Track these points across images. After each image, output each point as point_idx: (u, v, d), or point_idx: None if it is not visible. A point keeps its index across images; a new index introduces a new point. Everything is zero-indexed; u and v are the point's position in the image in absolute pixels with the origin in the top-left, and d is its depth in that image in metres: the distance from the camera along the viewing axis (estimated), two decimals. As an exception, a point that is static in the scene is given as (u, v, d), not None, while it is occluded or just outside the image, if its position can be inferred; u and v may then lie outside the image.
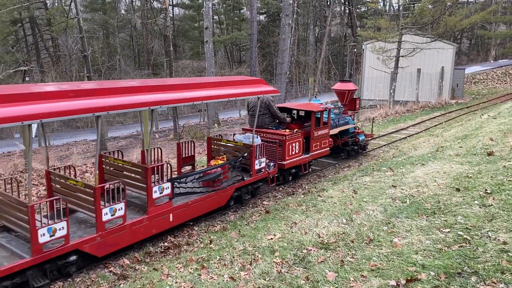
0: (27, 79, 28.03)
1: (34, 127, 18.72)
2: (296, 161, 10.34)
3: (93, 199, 6.10)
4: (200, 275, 5.78)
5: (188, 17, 47.26)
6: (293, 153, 10.15)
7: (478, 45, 60.77)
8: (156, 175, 6.99)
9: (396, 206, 7.71)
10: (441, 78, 27.70)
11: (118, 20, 42.06)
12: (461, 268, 5.10)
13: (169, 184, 7.17)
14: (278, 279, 5.51)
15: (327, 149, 11.52)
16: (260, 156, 9.15)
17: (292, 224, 7.53)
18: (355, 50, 38.79)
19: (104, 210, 6.14)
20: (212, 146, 9.72)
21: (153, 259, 6.79)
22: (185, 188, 7.72)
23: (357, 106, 13.72)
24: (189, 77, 37.10)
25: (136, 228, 6.72)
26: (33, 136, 19.04)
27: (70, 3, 24.86)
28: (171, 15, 41.84)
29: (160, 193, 7.02)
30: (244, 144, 9.11)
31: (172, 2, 44.32)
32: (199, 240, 7.36)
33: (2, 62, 31.33)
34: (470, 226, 6.24)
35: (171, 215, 7.29)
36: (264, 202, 9.40)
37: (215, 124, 22.81)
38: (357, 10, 45.42)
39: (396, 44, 24.82)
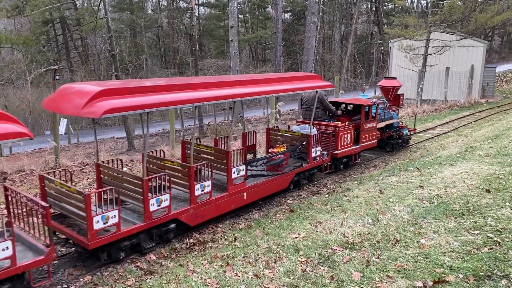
0: (57, 77, 28.78)
1: (63, 124, 19.22)
2: (347, 151, 11.18)
3: (187, 177, 7.24)
4: (225, 272, 5.84)
5: (213, 16, 47.56)
6: (345, 143, 10.99)
7: (510, 43, 58.96)
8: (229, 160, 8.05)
9: (423, 207, 7.59)
10: (470, 76, 27.01)
11: (145, 19, 42.72)
12: (491, 271, 4.99)
13: (244, 167, 8.25)
14: (302, 278, 5.51)
15: (374, 141, 12.28)
16: (316, 145, 10.06)
17: (316, 223, 7.50)
18: (382, 48, 38.23)
19: (196, 186, 7.28)
20: (271, 136, 10.71)
21: (178, 255, 6.88)
22: (256, 171, 8.90)
23: (401, 102, 14.34)
24: (216, 75, 37.36)
25: (219, 203, 7.86)
26: (63, 133, 19.55)
27: (99, 3, 25.42)
28: (196, 14, 42.19)
29: (237, 174, 8.14)
30: (302, 134, 10.06)
31: (198, 2, 44.72)
32: (224, 237, 7.42)
33: (34, 61, 32.30)
34: (501, 228, 6.09)
35: (245, 193, 8.40)
36: (288, 201, 9.40)
37: (239, 123, 22.91)
38: (384, 7, 44.73)
39: (424, 42, 24.33)
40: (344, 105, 12.27)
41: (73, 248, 6.92)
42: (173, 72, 40.36)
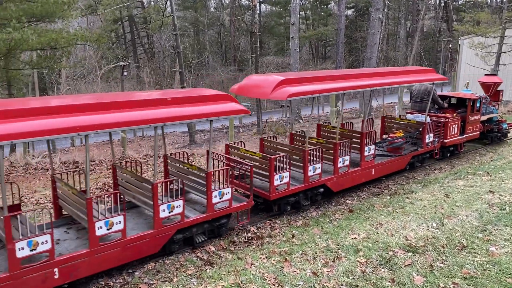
0: (125, 73, 30.25)
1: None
2: (454, 140, 12.16)
3: (332, 153, 8.92)
4: (283, 267, 5.86)
5: (274, 13, 47.66)
6: (453, 133, 11.98)
7: None
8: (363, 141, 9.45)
9: (493, 213, 7.16)
10: (550, 76, 25.01)
11: (207, 17, 43.70)
12: None
13: (373, 147, 9.62)
14: (362, 278, 5.41)
15: (477, 133, 13.10)
16: (429, 132, 11.16)
17: (377, 224, 7.32)
18: (450, 45, 36.39)
19: (339, 160, 8.89)
20: (385, 124, 12.12)
21: (237, 248, 7.00)
22: (381, 151, 10.46)
23: (500, 98, 14.85)
24: (278, 72, 37.46)
25: (354, 176, 9.34)
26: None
27: (166, 2, 26.34)
28: (258, 11, 42.48)
29: (368, 153, 9.52)
30: (417, 121, 11.26)
31: (260, -1, 45.01)
32: (281, 234, 7.45)
33: (104, 58, 34.13)
34: None
35: (373, 169, 9.76)
36: (347, 201, 9.25)
37: (298, 120, 22.83)
38: (454, 3, 42.51)
39: (498, 39, 22.85)
40: (449, 99, 13.26)
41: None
42: (233, 69, 40.95)
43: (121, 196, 6.88)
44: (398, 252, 6.09)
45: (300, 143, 9.58)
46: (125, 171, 7.16)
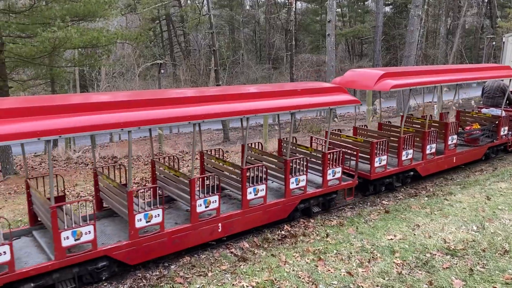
0: (162, 71, 30.82)
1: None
2: None
3: (421, 141, 9.85)
4: (317, 266, 5.83)
5: (310, 10, 47.28)
6: None
7: None
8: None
9: (539, 218, 6.86)
10: None
11: (243, 15, 43.86)
12: None
13: (456, 136, 10.46)
14: (398, 280, 5.31)
15: None
16: (504, 125, 11.88)
17: (414, 226, 7.16)
18: (494, 43, 34.99)
19: (427, 147, 9.84)
20: (460, 117, 12.66)
21: (270, 245, 7.02)
22: (460, 141, 11.15)
23: None
24: (308, 71, 37.20)
25: (439, 162, 10.22)
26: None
27: (202, 1, 26.64)
28: (294, 9, 42.28)
29: (452, 142, 10.36)
30: (492, 115, 11.94)
31: (296, -3, 44.76)
32: (315, 233, 7.41)
33: (142, 56, 34.90)
34: None
35: (454, 158, 10.60)
36: (383, 202, 9.09)
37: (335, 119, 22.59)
38: (498, -2, 40.82)
39: (545, 36, 21.78)
40: None
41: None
42: (268, 67, 40.93)
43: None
44: (436, 254, 5.95)
45: (389, 132, 10.34)
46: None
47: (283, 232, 7.50)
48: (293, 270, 5.73)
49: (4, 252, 4.84)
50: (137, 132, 22.30)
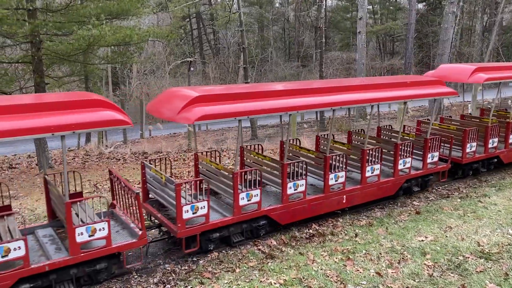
0: (192, 69, 31.13)
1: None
2: None
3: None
4: (346, 266, 5.78)
5: (340, 8, 46.70)
6: None
7: None
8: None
9: None
10: None
11: (272, 13, 43.76)
12: None
13: None
14: (429, 282, 5.21)
15: None
16: None
17: (446, 228, 7.00)
18: (532, 40, 33.62)
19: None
20: None
21: (298, 243, 7.00)
22: None
23: None
24: (337, 69, 36.79)
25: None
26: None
27: (233, -1, 26.76)
28: (324, 6, 41.86)
29: None
30: None
31: (326, -6, 44.26)
32: (344, 232, 7.34)
33: (172, 54, 35.36)
34: None
35: None
36: (414, 202, 8.91)
37: (361, 118, 22.29)
38: (538, -6, 39.15)
39: None
40: None
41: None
42: (296, 65, 40.70)
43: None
44: (469, 257, 5.79)
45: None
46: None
47: (311, 231, 7.46)
48: (321, 269, 5.70)
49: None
50: (167, 129, 22.66)
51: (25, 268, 5.01)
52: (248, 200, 6.63)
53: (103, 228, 5.44)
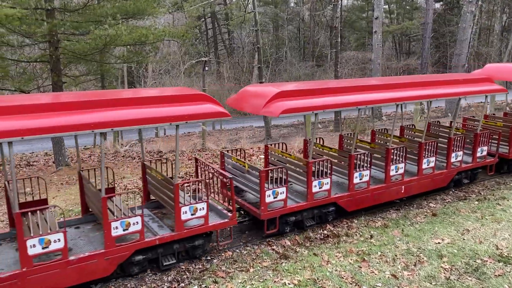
0: (206, 69, 31.22)
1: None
2: None
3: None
4: (361, 267, 5.73)
5: (356, 7, 46.37)
6: None
7: None
8: None
9: None
10: None
11: (287, 13, 43.65)
12: None
13: None
14: (446, 285, 5.12)
15: None
16: None
17: (463, 230, 6.89)
18: (553, 40, 32.92)
19: None
20: None
21: (312, 244, 6.96)
22: None
23: None
24: (352, 69, 36.53)
25: None
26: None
27: (248, -2, 26.76)
28: (340, 5, 41.57)
29: None
30: None
31: (342, -7, 43.95)
32: (359, 233, 7.27)
33: (187, 53, 35.53)
34: None
35: None
36: (430, 204, 8.78)
37: (375, 118, 22.09)
38: (560, -8, 38.28)
39: None
40: None
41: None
42: (311, 65, 40.53)
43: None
44: (487, 261, 5.69)
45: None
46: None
47: (325, 232, 7.41)
48: (335, 270, 5.65)
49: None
50: (180, 128, 22.74)
51: (141, 241, 5.68)
52: (319, 188, 7.23)
53: (203, 208, 6.11)
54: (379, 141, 9.83)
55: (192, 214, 6.02)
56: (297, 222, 7.38)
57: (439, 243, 6.45)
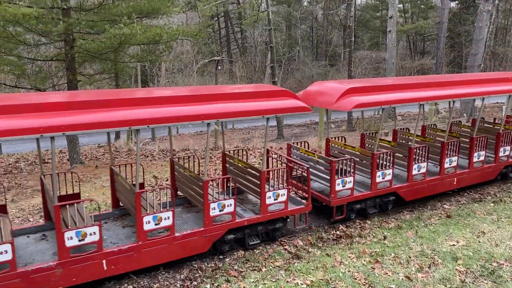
0: (219, 68, 31.27)
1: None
2: None
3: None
4: (374, 268, 5.68)
5: (370, 6, 46.03)
6: None
7: None
8: None
9: None
10: None
11: (300, 12, 43.52)
12: None
13: None
14: (461, 288, 5.06)
15: None
16: None
17: (479, 233, 6.79)
18: None
19: None
20: None
21: (325, 244, 6.93)
22: None
23: None
24: (366, 68, 36.29)
25: None
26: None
27: (261, -3, 26.71)
28: (354, 4, 41.29)
29: None
30: None
31: (355, -8, 43.61)
32: (372, 234, 7.22)
33: (200, 53, 35.64)
34: None
35: None
36: (445, 206, 8.68)
37: (389, 118, 21.89)
38: None
39: None
40: None
41: None
42: (324, 64, 40.35)
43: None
44: (503, 264, 5.60)
45: None
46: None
47: (338, 232, 7.37)
48: (348, 271, 5.62)
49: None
50: (194, 127, 22.83)
51: (233, 221, 6.34)
52: (382, 178, 7.78)
53: (283, 194, 6.71)
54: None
55: (274, 200, 6.66)
56: (360, 210, 7.95)
57: (453, 245, 6.37)
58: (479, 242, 6.42)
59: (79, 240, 5.23)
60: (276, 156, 8.17)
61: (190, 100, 5.90)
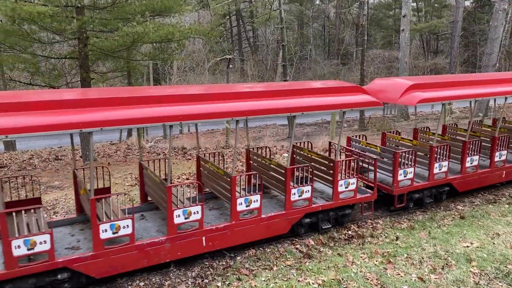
0: (230, 66, 31.28)
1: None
2: None
3: None
4: (386, 269, 5.63)
5: (383, 5, 45.64)
6: None
7: None
8: None
9: None
10: None
11: (313, 10, 43.34)
12: None
13: None
14: (475, 291, 4.99)
15: None
16: None
17: (493, 234, 6.70)
18: None
19: None
20: None
21: (336, 244, 6.89)
22: None
23: None
24: (378, 67, 36.02)
25: None
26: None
27: (273, -4, 26.65)
28: (367, 2, 40.96)
29: None
30: None
31: (368, -9, 43.28)
32: (384, 235, 7.17)
33: (212, 51, 35.70)
34: None
35: None
36: (458, 207, 8.58)
37: (402, 118, 21.71)
38: None
39: None
40: None
41: None
42: (336, 63, 40.15)
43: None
44: (519, 267, 5.51)
45: None
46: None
47: (350, 232, 7.33)
48: (360, 271, 5.58)
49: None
50: (205, 125, 22.89)
51: (310, 206, 6.90)
52: (439, 170, 8.25)
53: (353, 183, 7.25)
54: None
55: (345, 187, 7.18)
56: (418, 200, 8.37)
57: (467, 246, 6.29)
58: (494, 244, 6.33)
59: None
60: (342, 149, 8.60)
61: (276, 95, 6.50)
